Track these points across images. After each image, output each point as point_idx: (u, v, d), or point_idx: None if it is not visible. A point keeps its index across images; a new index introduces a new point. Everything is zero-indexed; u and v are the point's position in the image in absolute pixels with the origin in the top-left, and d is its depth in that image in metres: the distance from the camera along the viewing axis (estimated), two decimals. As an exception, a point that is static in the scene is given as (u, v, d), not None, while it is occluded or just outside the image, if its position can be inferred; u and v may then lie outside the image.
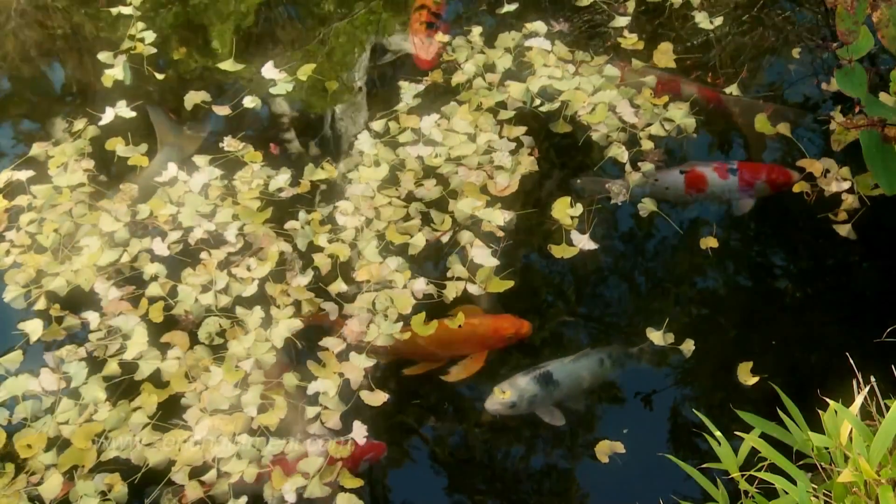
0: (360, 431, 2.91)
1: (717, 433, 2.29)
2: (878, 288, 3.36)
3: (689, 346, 3.12)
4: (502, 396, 3.03)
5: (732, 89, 3.85)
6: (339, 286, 3.25)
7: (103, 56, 4.09)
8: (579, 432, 3.14)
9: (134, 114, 3.84)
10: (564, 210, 3.46)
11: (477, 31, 4.09)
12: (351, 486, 2.83)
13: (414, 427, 3.18)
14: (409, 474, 3.11)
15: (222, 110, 3.89)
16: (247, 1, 4.39)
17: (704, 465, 2.31)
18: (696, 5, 4.22)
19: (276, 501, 2.83)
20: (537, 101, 3.79)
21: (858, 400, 2.11)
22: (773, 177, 3.55)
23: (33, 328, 3.18)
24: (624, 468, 2.92)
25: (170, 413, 2.98)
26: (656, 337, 3.15)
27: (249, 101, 3.90)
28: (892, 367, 2.26)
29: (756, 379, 3.00)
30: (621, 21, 4.13)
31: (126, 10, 4.29)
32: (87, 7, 4.43)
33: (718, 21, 4.11)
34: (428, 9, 4.25)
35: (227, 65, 4.07)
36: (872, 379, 2.20)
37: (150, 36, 4.17)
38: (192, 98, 3.93)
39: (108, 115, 3.82)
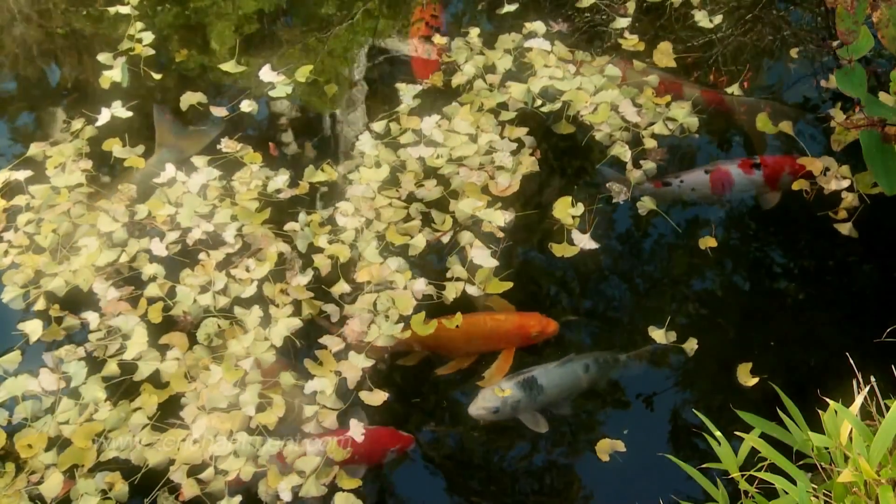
0: (357, 429, 2.91)
1: (717, 433, 2.29)
2: (878, 288, 3.35)
3: (691, 345, 3.12)
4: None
5: (733, 89, 3.85)
6: (340, 287, 3.24)
7: (102, 57, 4.08)
8: (579, 432, 3.13)
9: (131, 114, 3.83)
10: (566, 210, 3.45)
11: (475, 32, 4.08)
12: (349, 486, 2.83)
13: (412, 426, 3.17)
14: (408, 474, 3.10)
15: (219, 111, 3.88)
16: (245, 7, 4.38)
17: (704, 465, 2.30)
18: (695, 4, 4.21)
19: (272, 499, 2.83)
20: (538, 102, 3.79)
21: (858, 400, 2.11)
22: (796, 168, 3.53)
23: (32, 328, 3.18)
24: (624, 468, 2.91)
25: (169, 413, 2.98)
26: (659, 335, 3.15)
27: (247, 105, 3.89)
28: (892, 367, 2.26)
29: (756, 379, 2.99)
30: (622, 22, 4.12)
31: (124, 10, 4.29)
32: (86, 7, 4.43)
33: (718, 19, 4.11)
34: (426, 22, 4.25)
35: (229, 66, 4.07)
36: (872, 379, 2.19)
37: (148, 36, 4.16)
38: (189, 98, 3.92)
39: (104, 116, 3.81)
